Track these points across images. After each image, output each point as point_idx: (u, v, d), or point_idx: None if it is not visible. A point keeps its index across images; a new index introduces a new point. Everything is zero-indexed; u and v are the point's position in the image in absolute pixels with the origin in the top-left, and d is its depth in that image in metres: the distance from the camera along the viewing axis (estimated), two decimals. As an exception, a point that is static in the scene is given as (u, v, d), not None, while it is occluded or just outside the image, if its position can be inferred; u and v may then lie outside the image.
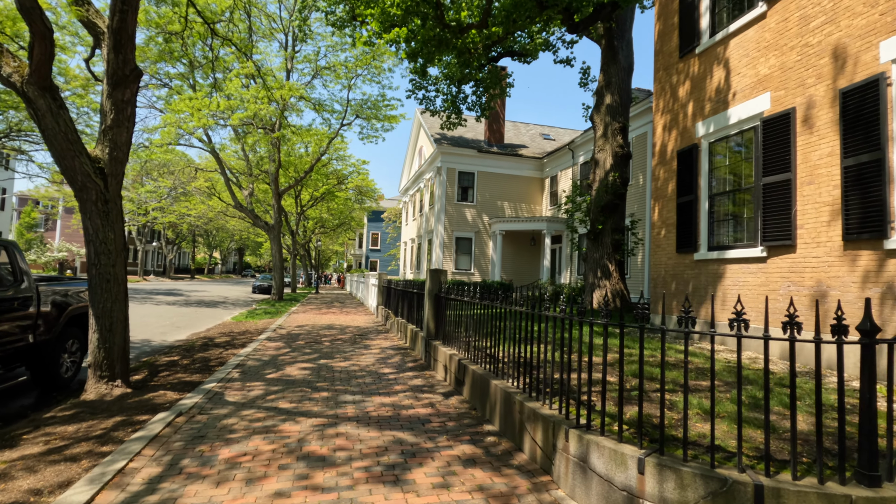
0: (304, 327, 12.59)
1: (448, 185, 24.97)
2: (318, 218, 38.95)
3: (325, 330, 12.06)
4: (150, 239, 57.84)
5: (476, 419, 4.68)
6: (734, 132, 7.14)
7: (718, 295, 7.08)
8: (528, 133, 30.47)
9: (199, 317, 15.46)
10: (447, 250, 24.75)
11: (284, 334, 11.07)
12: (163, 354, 8.50)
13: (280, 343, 9.63)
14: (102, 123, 5.43)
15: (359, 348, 9.12)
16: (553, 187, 25.35)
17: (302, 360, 7.83)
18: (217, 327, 12.82)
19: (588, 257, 15.44)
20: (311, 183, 32.51)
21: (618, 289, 15.03)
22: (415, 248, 30.88)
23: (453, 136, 26.62)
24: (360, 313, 17.72)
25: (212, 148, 20.76)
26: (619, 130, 15.22)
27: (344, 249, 66.04)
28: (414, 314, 9.61)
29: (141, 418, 4.56)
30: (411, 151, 33.54)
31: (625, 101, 15.60)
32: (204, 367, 7.34)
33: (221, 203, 32.80)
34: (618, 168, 15.19)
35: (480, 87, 19.90)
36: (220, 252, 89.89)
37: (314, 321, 14.29)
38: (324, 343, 9.72)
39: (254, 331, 11.90)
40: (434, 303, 7.55)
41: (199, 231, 54.15)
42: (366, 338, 10.73)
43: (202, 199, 35.41)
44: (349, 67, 22.56)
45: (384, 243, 53.21)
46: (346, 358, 8.01)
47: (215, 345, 9.55)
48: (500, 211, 25.63)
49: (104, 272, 5.34)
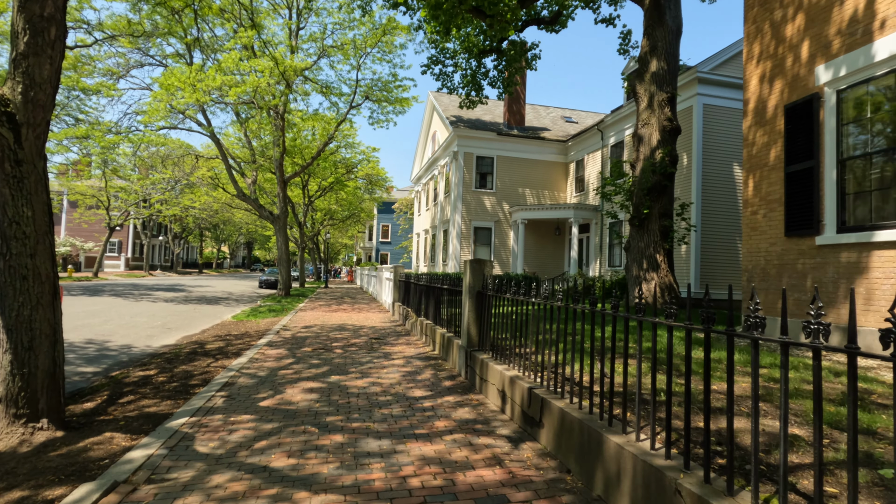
0: (311, 328, 10.96)
1: (465, 171, 23.19)
2: (326, 209, 37.39)
3: (335, 332, 10.42)
4: (156, 233, 56.73)
5: (579, 493, 2.97)
6: (881, 72, 5.31)
7: (859, 292, 5.30)
8: (548, 116, 28.54)
9: (196, 316, 13.91)
10: (465, 241, 23.02)
11: (289, 338, 9.44)
12: (138, 367, 6.90)
13: (282, 350, 7.99)
14: (13, 50, 3.74)
15: (377, 357, 7.45)
16: (579, 172, 23.46)
17: (307, 375, 6.18)
18: (214, 328, 11.25)
19: (631, 247, 13.65)
20: (318, 172, 30.91)
21: (667, 282, 13.24)
22: (429, 239, 29.19)
23: (470, 118, 24.79)
24: (374, 310, 16.09)
25: (211, 132, 19.16)
26: (666, 101, 13.35)
27: (353, 242, 64.54)
28: (442, 314, 7.92)
29: (51, 495, 2.92)
30: (424, 138, 31.76)
31: (672, 69, 13.70)
32: (182, 386, 5.71)
33: (225, 194, 31.33)
34: (666, 144, 13.35)
35: (503, 61, 18.03)
36: (228, 246, 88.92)
37: (323, 320, 12.67)
38: (334, 350, 8.06)
39: (254, 333, 10.29)
40: (476, 303, 5.84)
41: (205, 224, 52.88)
42: (384, 342, 9.06)
43: (206, 191, 34.00)
44: (358, 45, 20.80)
45: (395, 235, 51.55)
46: (363, 373, 6.34)
47: (205, 353, 7.94)
48: (522, 198, 23.82)
49: (17, 265, 3.68)
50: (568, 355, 4.91)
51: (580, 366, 3.62)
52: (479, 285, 5.86)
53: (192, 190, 37.83)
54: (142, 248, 52.85)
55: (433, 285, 8.47)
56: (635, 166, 13.74)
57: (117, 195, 38.19)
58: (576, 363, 4.60)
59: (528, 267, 23.26)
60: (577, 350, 4.93)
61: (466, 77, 18.16)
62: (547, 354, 4.56)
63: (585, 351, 4.95)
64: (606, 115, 20.89)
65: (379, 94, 22.36)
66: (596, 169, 21.83)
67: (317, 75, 22.67)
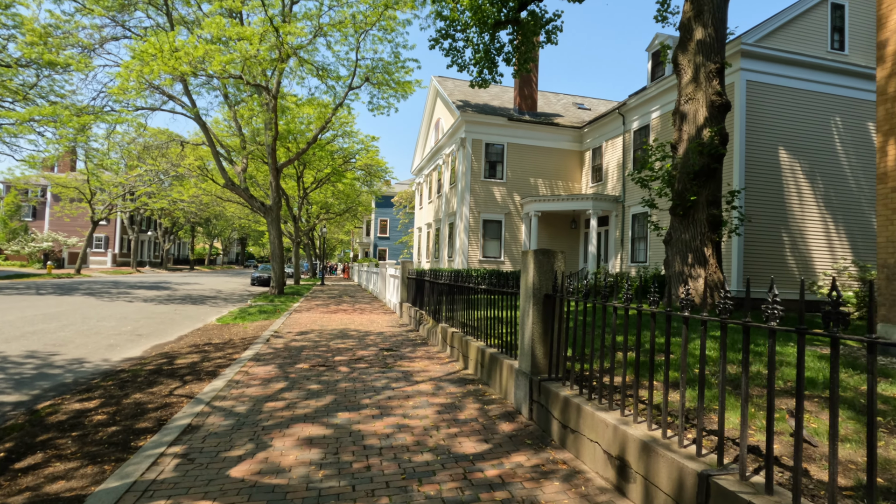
0: (307, 335, 9.22)
1: (473, 160, 21.45)
2: (322, 202, 35.54)
3: (337, 340, 8.69)
4: (145, 228, 54.65)
5: None
6: None
7: None
8: (559, 103, 26.82)
9: (175, 319, 12.14)
10: (473, 235, 21.31)
11: (280, 349, 7.70)
12: (79, 394, 5.16)
13: (271, 368, 6.26)
14: None
15: (396, 380, 5.73)
16: (596, 161, 21.77)
17: (304, 410, 4.46)
18: (193, 335, 9.50)
19: (672, 239, 11.98)
20: (314, 162, 29.07)
21: (716, 279, 11.59)
22: (432, 234, 27.45)
23: (477, 103, 23.04)
24: (378, 311, 14.35)
25: (196, 113, 17.30)
26: (715, 73, 11.66)
27: (350, 238, 62.70)
28: (477, 323, 6.22)
29: None
30: (426, 126, 29.97)
31: (720, 35, 12.01)
32: (124, 432, 3.97)
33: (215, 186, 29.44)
34: (715, 121, 11.68)
35: (520, 34, 16.27)
36: (221, 242, 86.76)
37: (322, 324, 10.93)
38: (338, 368, 6.33)
39: (239, 342, 8.54)
40: (544, 311, 4.13)
41: (196, 219, 50.81)
42: (399, 354, 7.34)
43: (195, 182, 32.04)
44: (358, 21, 18.95)
45: (394, 230, 49.71)
46: (381, 407, 4.62)
47: (172, 371, 6.19)
48: (534, 189, 22.12)
49: None
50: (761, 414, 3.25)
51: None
52: (549, 285, 4.14)
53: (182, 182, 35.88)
54: (130, 244, 50.77)
55: (462, 285, 6.74)
56: (677, 147, 12.07)
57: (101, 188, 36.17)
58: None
59: (542, 263, 21.57)
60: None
61: (479, 52, 16.38)
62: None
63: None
64: (629, 97, 19.19)
65: (380, 77, 20.55)
66: (616, 156, 20.15)
67: (313, 57, 20.83)
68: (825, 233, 14.56)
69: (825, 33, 14.93)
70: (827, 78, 14.74)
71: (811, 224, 14.42)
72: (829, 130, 14.83)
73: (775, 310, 2.01)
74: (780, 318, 2.00)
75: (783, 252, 14.11)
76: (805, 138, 14.53)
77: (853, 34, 15.19)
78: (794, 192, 14.35)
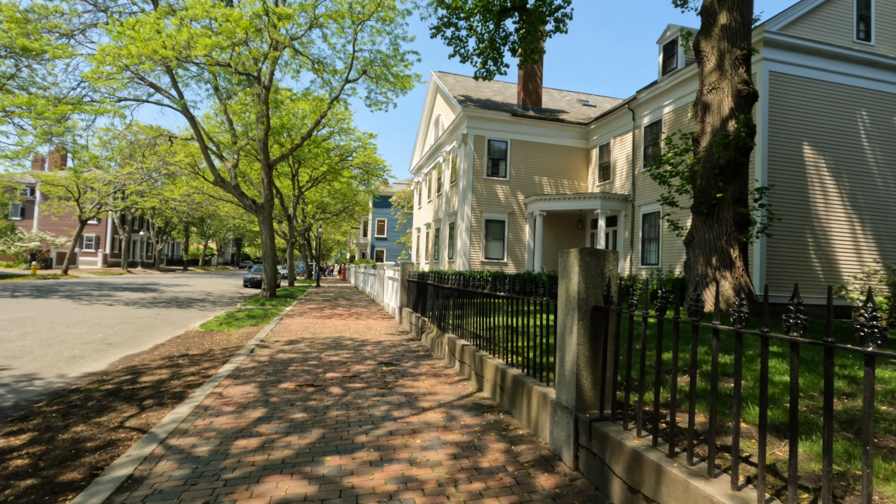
0: (297, 345, 8.26)
1: (476, 157, 20.54)
2: (318, 201, 34.55)
3: (329, 352, 7.72)
4: (137, 228, 53.50)
5: None
6: None
7: None
8: (563, 100, 25.96)
9: (155, 324, 11.15)
10: (475, 236, 20.38)
11: (265, 362, 6.74)
12: (5, 426, 4.19)
13: (250, 388, 5.30)
14: None
15: (398, 406, 4.78)
16: (603, 158, 20.89)
17: (282, 453, 3.51)
18: (169, 344, 8.53)
19: (695, 239, 11.09)
20: (309, 160, 28.10)
21: (742, 283, 10.71)
22: (431, 234, 26.51)
23: (479, 98, 22.13)
24: (376, 316, 13.40)
25: (183, 105, 16.32)
26: (741, 60, 10.80)
27: (347, 239, 61.67)
28: (491, 334, 5.29)
29: None
30: (425, 123, 29.05)
31: (747, 21, 11.16)
32: (40, 489, 3.01)
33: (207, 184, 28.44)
34: (741, 112, 10.82)
35: (527, 22, 15.36)
36: (216, 242, 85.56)
37: (314, 331, 9.96)
38: (330, 389, 5.38)
39: (219, 353, 7.58)
40: (592, 328, 3.20)
41: (189, 219, 49.70)
42: (400, 370, 6.40)
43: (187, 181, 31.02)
44: (354, 10, 18.01)
45: (392, 231, 48.69)
46: (381, 448, 3.67)
47: (132, 393, 5.23)
48: (538, 188, 21.22)
49: None
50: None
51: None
52: (598, 295, 3.21)
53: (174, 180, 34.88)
54: (121, 244, 49.61)
55: (474, 290, 5.80)
56: (699, 141, 11.18)
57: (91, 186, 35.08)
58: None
59: (547, 266, 20.67)
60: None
61: (483, 42, 15.45)
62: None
63: None
64: (639, 92, 18.31)
65: (378, 70, 19.61)
66: (625, 153, 19.27)
67: (308, 49, 19.91)
68: (851, 234, 13.69)
69: (851, 22, 14.09)
70: (852, 69, 13.90)
71: (836, 224, 13.55)
72: (856, 125, 13.98)
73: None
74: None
75: (808, 254, 13.23)
76: (830, 133, 13.68)
77: (880, 24, 14.36)
78: (818, 190, 13.48)
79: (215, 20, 11.40)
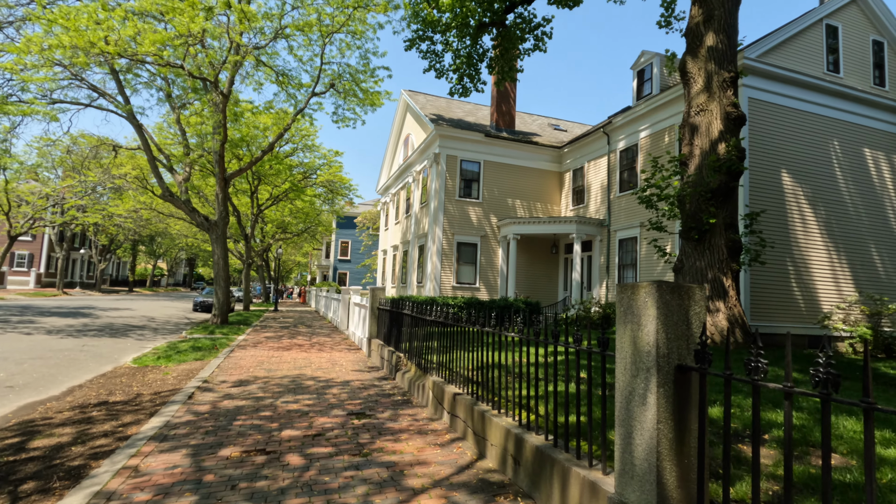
0: (248, 387, 6.92)
1: (448, 177, 19.75)
2: (278, 220, 32.82)
3: (288, 396, 6.44)
4: (77, 245, 49.64)
5: None
6: None
7: None
8: (535, 123, 25.75)
9: (78, 358, 9.47)
10: (446, 259, 19.42)
11: (204, 414, 5.41)
12: None
13: (179, 459, 4.01)
14: None
15: (381, 490, 3.61)
16: (577, 182, 20.52)
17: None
18: (89, 386, 7.02)
19: (684, 267, 10.49)
20: (271, 177, 26.57)
21: (736, 314, 10.16)
22: (399, 257, 25.37)
23: (451, 118, 21.51)
24: (341, 347, 12.07)
25: (129, 111, 14.77)
26: (729, 82, 10.47)
27: (308, 260, 59.42)
28: (496, 383, 4.25)
29: None
30: (394, 142, 28.22)
31: (733, 43, 10.90)
32: None
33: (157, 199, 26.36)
34: (731, 134, 10.46)
35: (505, 39, 14.85)
36: (167, 262, 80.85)
37: (269, 367, 8.61)
38: (286, 459, 4.15)
39: (148, 400, 6.16)
40: (676, 399, 2.22)
41: (136, 236, 46.46)
42: (376, 424, 5.22)
43: (134, 196, 28.73)
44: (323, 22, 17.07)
45: (356, 253, 47.04)
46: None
47: (9, 471, 3.84)
48: (511, 210, 20.59)
49: None
50: None
51: None
52: (681, 349, 2.26)
53: (120, 195, 32.41)
54: (55, 262, 45.71)
55: (471, 327, 4.76)
56: (687, 163, 10.70)
57: (24, 199, 32.07)
58: None
59: (520, 291, 19.89)
60: None
61: (460, 57, 14.81)
62: None
63: None
64: (614, 116, 18.11)
65: (347, 84, 18.63)
66: (600, 178, 18.94)
67: (272, 60, 18.76)
68: (829, 262, 13.57)
69: (821, 54, 14.31)
70: (824, 100, 14.04)
71: (815, 253, 13.41)
72: (829, 155, 14.05)
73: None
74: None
75: (789, 282, 12.96)
76: (806, 162, 13.66)
77: (847, 57, 14.67)
78: (797, 218, 13.34)
79: (164, 14, 10.13)
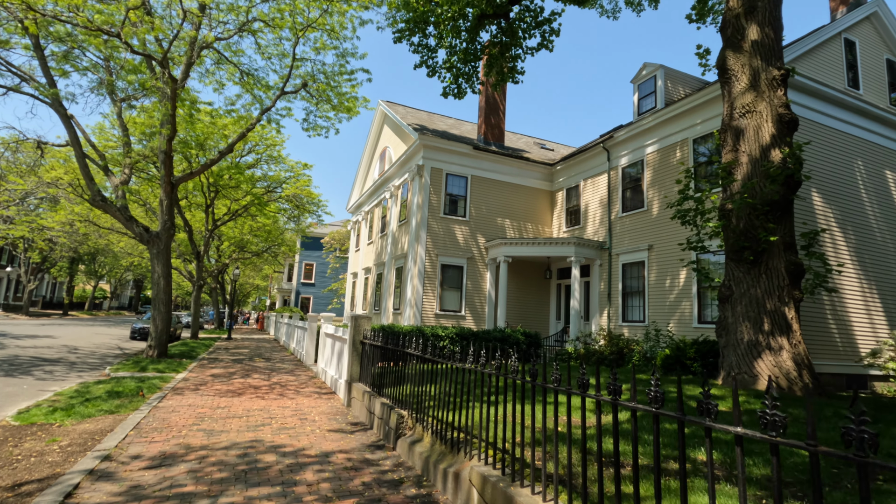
0: (171, 470, 4.46)
1: (432, 192, 17.76)
2: (237, 238, 29.79)
3: (234, 493, 4.05)
4: (5, 262, 44.40)
5: None
6: None
7: None
8: (521, 141, 24.32)
9: (-71, 412, 6.63)
10: (429, 282, 17.22)
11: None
12: None
13: None
14: None
15: None
16: (571, 202, 18.94)
17: None
18: None
19: (735, 294, 8.67)
20: (230, 190, 23.79)
21: (801, 352, 8.39)
22: (371, 280, 22.96)
23: (435, 129, 19.69)
24: (307, 387, 9.56)
25: (54, 96, 12.12)
26: (780, 81, 8.96)
27: (268, 283, 55.61)
28: None
29: None
30: (368, 157, 26.15)
31: (778, 37, 9.49)
32: None
33: (95, 209, 23.07)
34: (784, 139, 8.94)
35: (506, 35, 13.22)
36: (110, 283, 74.46)
37: (212, 427, 6.11)
38: None
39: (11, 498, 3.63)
40: None
41: (73, 254, 41.86)
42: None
43: (70, 206, 25.23)
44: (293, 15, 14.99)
45: (322, 276, 43.95)
46: None
47: None
48: (501, 230, 18.73)
49: None
50: None
51: None
52: None
53: (54, 205, 28.68)
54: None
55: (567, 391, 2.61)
56: (733, 171, 9.11)
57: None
58: None
59: (511, 320, 17.85)
60: None
61: (456, 53, 13.05)
62: None
63: None
64: (617, 129, 16.72)
65: (321, 86, 16.46)
66: (599, 196, 17.40)
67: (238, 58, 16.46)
68: (861, 294, 12.25)
69: (842, 69, 13.38)
70: (847, 116, 13.01)
71: (847, 282, 12.06)
72: (854, 176, 12.94)
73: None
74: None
75: (824, 315, 11.48)
76: (835, 182, 12.46)
77: (865, 73, 13.82)
78: (829, 243, 12.00)
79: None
